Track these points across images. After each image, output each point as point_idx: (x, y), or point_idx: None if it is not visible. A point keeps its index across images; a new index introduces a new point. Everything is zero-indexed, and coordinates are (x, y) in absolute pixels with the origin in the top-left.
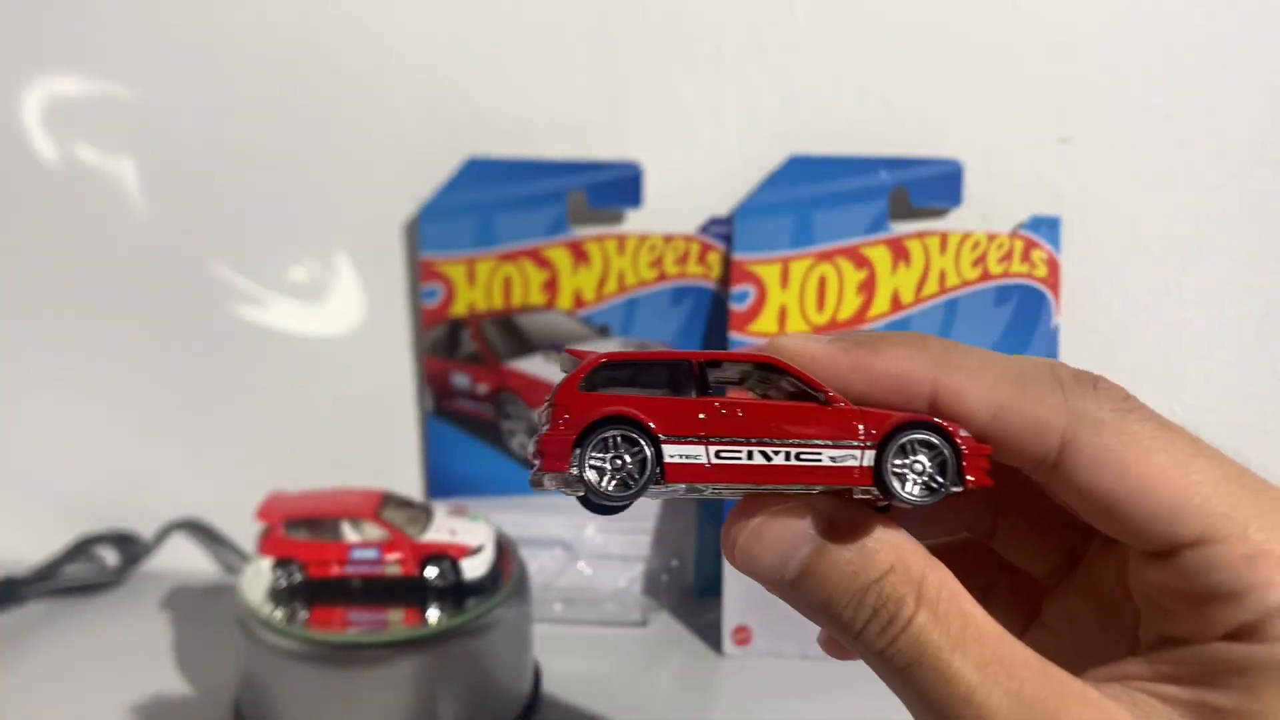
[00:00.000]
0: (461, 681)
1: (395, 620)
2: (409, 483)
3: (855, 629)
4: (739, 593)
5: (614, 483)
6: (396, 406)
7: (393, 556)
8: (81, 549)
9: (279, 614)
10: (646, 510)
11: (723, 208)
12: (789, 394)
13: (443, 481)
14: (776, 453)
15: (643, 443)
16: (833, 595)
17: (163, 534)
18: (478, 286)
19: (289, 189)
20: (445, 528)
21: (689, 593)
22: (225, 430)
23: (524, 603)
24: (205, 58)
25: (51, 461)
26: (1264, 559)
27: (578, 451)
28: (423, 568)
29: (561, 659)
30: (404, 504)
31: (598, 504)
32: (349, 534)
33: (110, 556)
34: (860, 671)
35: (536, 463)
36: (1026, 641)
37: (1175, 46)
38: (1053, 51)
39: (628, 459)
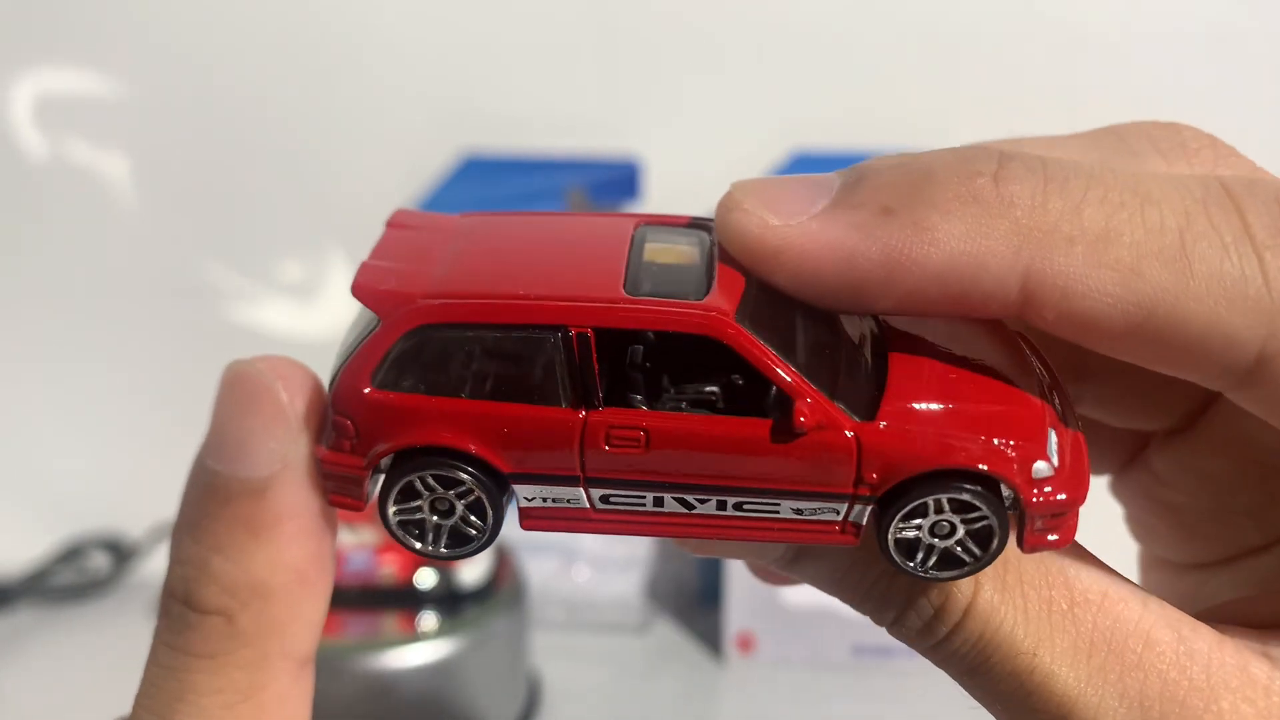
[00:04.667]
0: (456, 690)
1: (388, 627)
2: None
3: (887, 619)
4: (742, 598)
5: (445, 534)
6: None
7: (386, 561)
8: (71, 554)
9: None
10: None
11: None
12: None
13: None
14: (703, 500)
15: (471, 482)
16: (848, 577)
17: (154, 538)
18: None
19: (282, 186)
20: None
21: (691, 598)
22: None
23: (521, 609)
24: (197, 53)
25: (39, 462)
26: None
27: (376, 491)
28: (416, 573)
29: (560, 667)
30: None
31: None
32: (343, 536)
33: (100, 560)
34: (874, 681)
35: (327, 485)
36: (1129, 489)
37: (1186, 39)
38: (1062, 44)
39: (457, 503)
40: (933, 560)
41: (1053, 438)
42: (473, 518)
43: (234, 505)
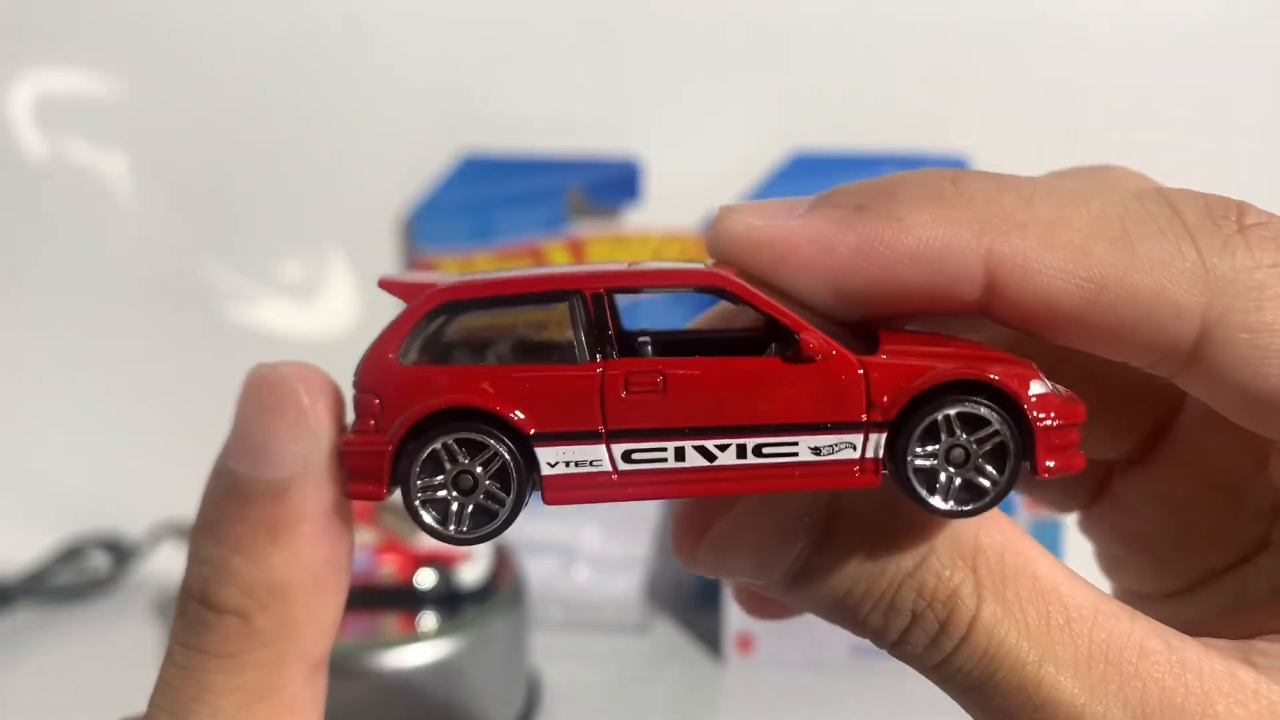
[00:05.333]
0: (455, 690)
1: (388, 627)
2: None
3: (890, 638)
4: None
5: (468, 513)
6: None
7: (386, 561)
8: (71, 554)
9: None
10: (645, 509)
11: (724, 202)
12: (747, 336)
13: None
14: (723, 447)
15: (495, 444)
16: (850, 597)
17: (154, 538)
18: None
19: (282, 186)
20: None
21: (691, 598)
22: (217, 431)
23: (520, 609)
24: (197, 53)
25: (39, 462)
26: None
27: (401, 471)
28: (416, 573)
29: (559, 667)
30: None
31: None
32: None
33: (100, 560)
34: (874, 682)
35: (345, 481)
36: (1097, 523)
37: (1184, 38)
38: (1060, 44)
39: (480, 471)
40: (954, 491)
41: (1043, 378)
42: (496, 489)
43: (255, 506)
